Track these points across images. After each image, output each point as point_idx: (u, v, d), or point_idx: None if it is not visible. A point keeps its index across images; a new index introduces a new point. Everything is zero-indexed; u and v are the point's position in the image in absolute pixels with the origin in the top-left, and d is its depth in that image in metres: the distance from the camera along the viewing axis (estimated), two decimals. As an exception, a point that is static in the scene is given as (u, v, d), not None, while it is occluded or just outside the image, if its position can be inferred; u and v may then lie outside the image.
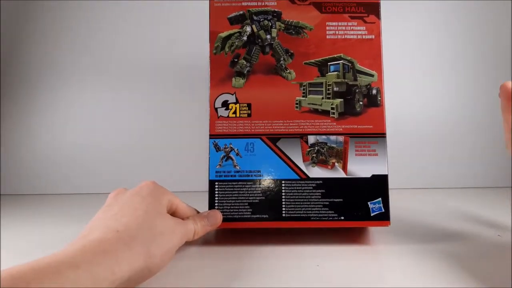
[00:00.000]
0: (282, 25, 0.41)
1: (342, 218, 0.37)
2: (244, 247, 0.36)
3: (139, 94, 0.75)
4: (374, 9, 0.41)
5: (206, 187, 0.39)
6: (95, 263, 0.23)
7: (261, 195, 0.38)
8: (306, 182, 0.38)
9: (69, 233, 0.42)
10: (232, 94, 0.39)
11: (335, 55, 0.40)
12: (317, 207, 0.38)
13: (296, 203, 0.38)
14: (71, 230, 0.43)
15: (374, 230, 0.41)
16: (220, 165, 0.39)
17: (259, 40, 0.40)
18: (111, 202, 0.32)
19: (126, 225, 0.28)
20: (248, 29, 0.40)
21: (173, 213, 0.34)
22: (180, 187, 0.61)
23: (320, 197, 0.38)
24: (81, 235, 0.28)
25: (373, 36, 0.40)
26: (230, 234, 0.41)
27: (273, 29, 0.40)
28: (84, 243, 0.25)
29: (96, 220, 0.30)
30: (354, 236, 0.39)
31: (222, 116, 0.39)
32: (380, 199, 0.38)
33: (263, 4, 0.41)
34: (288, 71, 0.40)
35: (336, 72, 0.40)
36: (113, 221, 0.28)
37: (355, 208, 0.37)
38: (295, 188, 0.38)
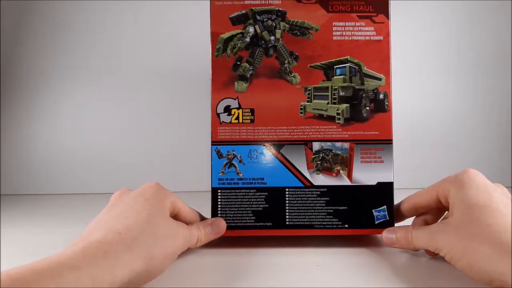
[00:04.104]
0: (287, 25, 0.39)
1: (346, 226, 0.37)
2: (245, 247, 0.37)
3: (139, 93, 0.74)
4: (383, 8, 0.39)
5: (207, 187, 0.38)
6: (95, 265, 0.23)
7: (264, 202, 0.37)
8: (310, 189, 0.37)
9: (69, 233, 0.42)
10: (235, 99, 0.38)
11: (341, 58, 0.38)
12: (321, 215, 0.37)
13: (300, 211, 0.37)
14: (71, 231, 0.43)
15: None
16: (222, 172, 0.38)
17: (263, 41, 0.38)
18: (115, 202, 0.32)
19: (128, 227, 0.27)
20: (251, 29, 0.38)
21: (175, 216, 0.34)
22: (181, 187, 0.60)
23: (324, 205, 0.37)
24: (82, 235, 0.27)
25: (382, 37, 0.38)
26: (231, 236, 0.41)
27: (277, 30, 0.38)
28: (85, 245, 0.24)
29: (98, 220, 0.29)
30: (356, 238, 0.39)
31: (225, 122, 0.38)
32: (384, 207, 0.37)
33: (267, 2, 0.39)
34: (292, 74, 0.38)
35: (342, 76, 0.38)
36: (115, 223, 0.28)
37: (359, 216, 0.37)
38: (299, 196, 0.37)
